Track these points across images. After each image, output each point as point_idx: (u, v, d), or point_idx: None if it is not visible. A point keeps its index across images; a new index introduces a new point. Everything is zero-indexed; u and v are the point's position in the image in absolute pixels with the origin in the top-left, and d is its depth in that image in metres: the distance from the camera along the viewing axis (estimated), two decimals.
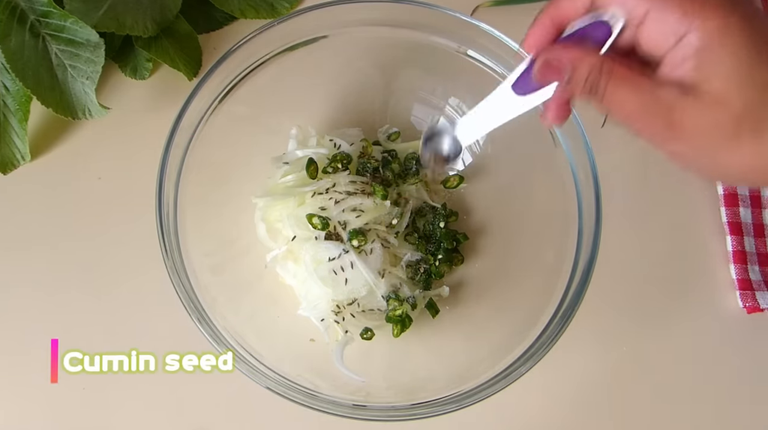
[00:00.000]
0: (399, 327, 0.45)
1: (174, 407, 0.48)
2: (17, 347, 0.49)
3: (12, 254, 0.52)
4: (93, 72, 0.49)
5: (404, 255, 0.47)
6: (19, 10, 0.48)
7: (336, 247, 0.45)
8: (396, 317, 0.45)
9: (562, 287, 0.42)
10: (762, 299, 0.50)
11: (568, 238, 0.43)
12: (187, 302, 0.40)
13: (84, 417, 0.48)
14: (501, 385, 0.39)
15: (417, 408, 0.40)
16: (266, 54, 0.46)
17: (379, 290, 0.45)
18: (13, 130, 0.51)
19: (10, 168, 0.52)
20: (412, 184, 0.49)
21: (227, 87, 0.46)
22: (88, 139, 0.54)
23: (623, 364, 0.49)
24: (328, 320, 0.46)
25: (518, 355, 0.41)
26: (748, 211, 0.53)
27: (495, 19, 0.45)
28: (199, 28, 0.57)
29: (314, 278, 0.45)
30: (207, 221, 0.46)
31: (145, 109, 0.55)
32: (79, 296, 0.50)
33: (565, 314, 0.40)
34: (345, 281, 0.45)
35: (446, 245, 0.48)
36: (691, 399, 0.49)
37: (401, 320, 0.45)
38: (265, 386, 0.39)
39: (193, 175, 0.44)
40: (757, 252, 0.52)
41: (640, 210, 0.53)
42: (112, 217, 0.52)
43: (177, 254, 0.42)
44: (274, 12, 0.57)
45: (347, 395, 0.41)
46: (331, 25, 0.46)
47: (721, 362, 0.50)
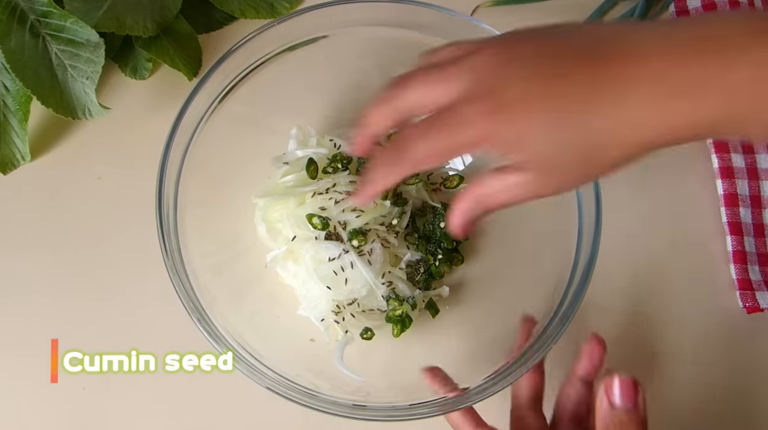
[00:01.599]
0: (399, 327, 0.45)
1: (174, 407, 0.48)
2: (17, 347, 0.49)
3: (12, 253, 0.52)
4: (93, 72, 0.49)
5: (404, 255, 0.47)
6: (19, 10, 0.48)
7: (336, 247, 0.45)
8: (396, 317, 0.45)
9: (562, 287, 0.42)
10: (762, 299, 0.50)
11: (568, 238, 0.43)
12: (187, 302, 0.40)
13: (84, 417, 0.48)
14: (501, 385, 0.39)
15: (417, 408, 0.40)
16: (266, 54, 0.46)
17: (379, 290, 0.45)
18: (13, 130, 0.51)
19: (10, 168, 0.52)
20: (412, 184, 0.49)
21: (227, 87, 0.46)
22: (88, 139, 0.54)
23: (622, 363, 0.49)
24: (328, 320, 0.46)
25: (518, 355, 0.41)
26: (748, 211, 0.53)
27: (495, 19, 0.45)
28: (199, 28, 0.57)
29: (314, 278, 0.45)
30: (207, 221, 0.46)
31: (145, 109, 0.55)
32: (79, 296, 0.50)
33: (565, 314, 0.40)
34: (345, 281, 0.45)
35: (446, 245, 0.48)
36: (690, 399, 0.49)
37: (401, 320, 0.45)
38: (265, 386, 0.39)
39: (193, 175, 0.44)
40: (757, 252, 0.52)
41: (640, 210, 0.53)
42: (112, 217, 0.52)
43: (177, 254, 0.42)
44: (274, 12, 0.57)
45: (347, 395, 0.41)
46: (331, 25, 0.46)
47: (721, 362, 0.50)
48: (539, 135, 0.28)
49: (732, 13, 0.28)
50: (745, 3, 0.57)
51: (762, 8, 0.59)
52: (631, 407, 0.31)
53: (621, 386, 0.31)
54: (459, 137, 0.29)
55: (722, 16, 0.29)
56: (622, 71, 0.27)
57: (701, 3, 0.58)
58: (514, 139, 0.28)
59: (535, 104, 0.28)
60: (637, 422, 0.31)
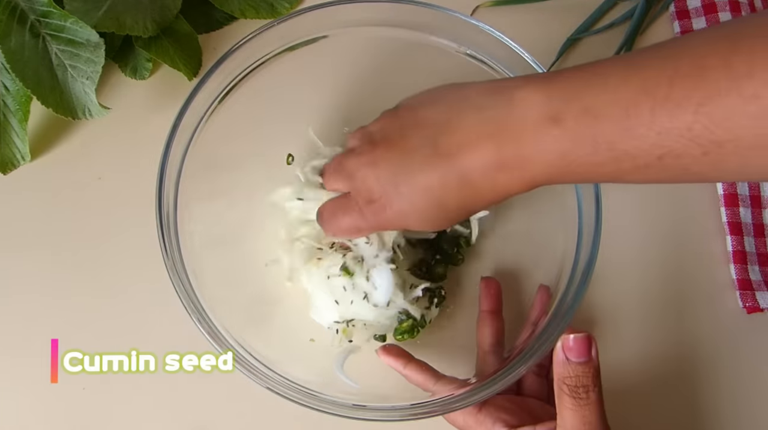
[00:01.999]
0: (406, 335, 0.45)
1: (174, 407, 0.48)
2: (17, 347, 0.49)
3: (12, 253, 0.52)
4: (93, 72, 0.49)
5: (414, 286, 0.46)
6: (19, 10, 0.48)
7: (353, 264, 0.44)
8: (404, 327, 0.45)
9: (562, 287, 0.42)
10: (762, 299, 0.50)
11: (568, 238, 0.43)
12: (187, 302, 0.40)
13: (84, 417, 0.48)
14: (501, 385, 0.39)
15: (417, 408, 0.40)
16: (266, 54, 0.46)
17: (385, 315, 0.45)
18: (13, 130, 0.51)
19: (10, 168, 0.52)
20: None
21: (227, 87, 0.46)
22: (88, 139, 0.54)
23: (621, 363, 0.49)
24: (336, 326, 0.46)
25: (518, 355, 0.41)
26: (748, 212, 0.53)
27: (495, 19, 0.45)
28: (199, 28, 0.57)
29: (324, 288, 0.45)
30: (207, 220, 0.46)
31: (145, 109, 0.55)
32: (79, 296, 0.50)
33: (565, 314, 0.40)
34: (351, 302, 0.44)
35: (447, 249, 0.48)
36: (690, 399, 0.49)
37: (410, 329, 0.45)
38: (265, 386, 0.39)
39: (193, 175, 0.44)
40: (757, 252, 0.52)
41: (639, 210, 0.53)
42: (112, 217, 0.52)
43: (177, 254, 0.42)
44: (274, 12, 0.57)
45: (347, 395, 0.41)
46: (331, 25, 0.46)
47: (720, 362, 0.50)
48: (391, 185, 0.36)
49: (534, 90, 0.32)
50: (746, 2, 0.57)
51: (762, 9, 0.59)
52: (584, 360, 0.34)
53: (575, 341, 0.34)
54: None
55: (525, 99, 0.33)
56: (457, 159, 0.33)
57: (701, 3, 0.58)
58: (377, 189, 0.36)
59: (390, 171, 0.36)
60: (590, 374, 0.34)
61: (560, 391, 0.35)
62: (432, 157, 0.34)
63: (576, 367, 0.34)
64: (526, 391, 0.45)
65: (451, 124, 0.34)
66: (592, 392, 0.34)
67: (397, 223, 0.37)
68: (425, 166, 0.34)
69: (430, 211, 0.35)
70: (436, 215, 0.35)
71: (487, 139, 0.32)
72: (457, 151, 0.33)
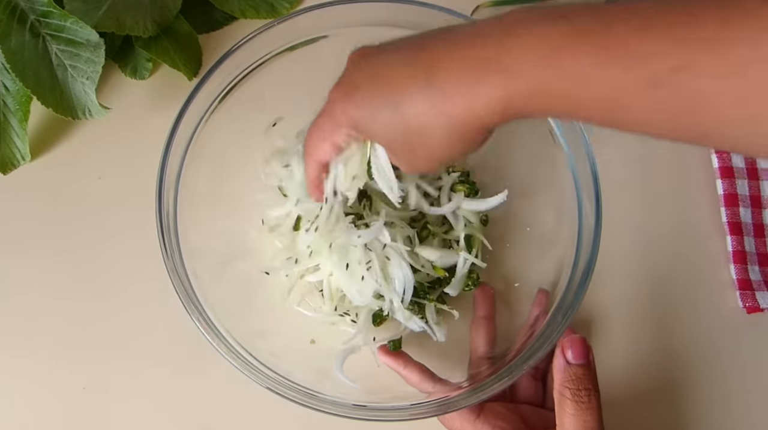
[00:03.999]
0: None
1: (174, 406, 0.48)
2: (17, 347, 0.49)
3: (12, 253, 0.52)
4: (93, 72, 0.49)
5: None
6: (19, 10, 0.48)
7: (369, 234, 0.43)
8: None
9: (562, 287, 0.42)
10: (762, 299, 0.50)
11: (568, 238, 0.43)
12: (187, 302, 0.40)
13: (84, 417, 0.48)
14: (500, 385, 0.39)
15: (417, 408, 0.40)
16: (266, 54, 0.46)
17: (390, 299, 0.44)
18: (13, 130, 0.51)
19: (10, 168, 0.52)
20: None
21: (227, 87, 0.46)
22: (88, 139, 0.54)
23: (622, 364, 0.49)
24: (347, 319, 0.46)
25: (517, 355, 0.41)
26: (748, 212, 0.53)
27: None
28: (199, 28, 0.57)
29: (340, 260, 0.44)
30: (207, 220, 0.46)
31: (145, 109, 0.55)
32: (79, 296, 0.50)
33: (565, 314, 0.40)
34: (362, 278, 0.44)
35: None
36: (690, 399, 0.49)
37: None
38: (265, 386, 0.39)
39: (193, 175, 0.44)
40: (757, 252, 0.52)
41: (639, 210, 0.53)
42: (112, 217, 0.52)
43: (177, 253, 0.42)
44: (274, 12, 0.57)
45: (347, 395, 0.41)
46: (331, 25, 0.46)
47: (720, 362, 0.50)
48: (369, 120, 0.33)
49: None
50: None
51: None
52: (584, 363, 0.35)
53: (574, 346, 0.35)
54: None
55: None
56: (432, 63, 0.30)
57: None
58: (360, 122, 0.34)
59: (366, 98, 0.34)
60: (590, 376, 0.35)
61: (562, 397, 0.35)
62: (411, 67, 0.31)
63: (577, 369, 0.35)
64: (521, 394, 0.45)
65: (426, 46, 0.32)
66: (593, 396, 0.35)
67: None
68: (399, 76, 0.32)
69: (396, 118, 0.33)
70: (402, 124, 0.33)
71: (468, 56, 0.30)
72: (437, 66, 0.30)
